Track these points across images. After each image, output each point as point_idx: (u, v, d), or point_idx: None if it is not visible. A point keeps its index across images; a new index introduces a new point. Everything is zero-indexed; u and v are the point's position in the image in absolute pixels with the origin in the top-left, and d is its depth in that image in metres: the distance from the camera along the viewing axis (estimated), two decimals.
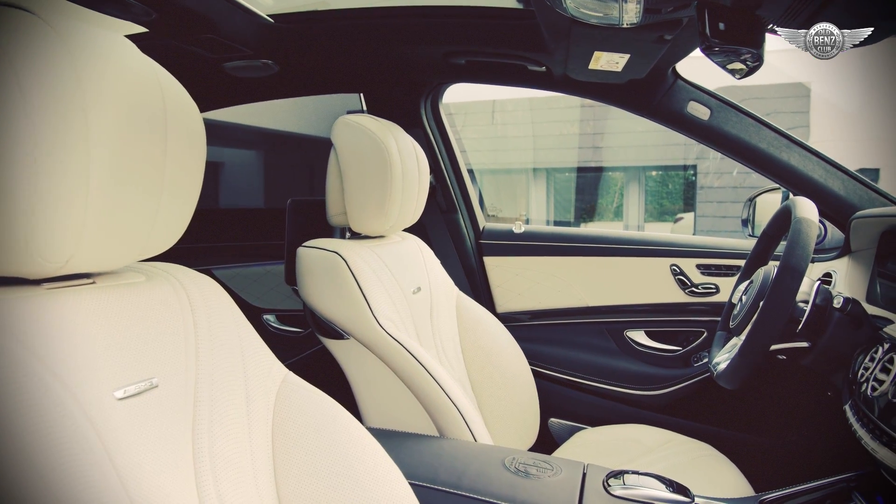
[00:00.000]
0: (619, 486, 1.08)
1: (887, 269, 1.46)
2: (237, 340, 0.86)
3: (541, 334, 2.16)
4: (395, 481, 0.90)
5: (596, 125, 10.08)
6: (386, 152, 1.45)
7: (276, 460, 0.85)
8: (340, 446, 0.88)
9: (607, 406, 2.05)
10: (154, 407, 0.70)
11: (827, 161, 1.73)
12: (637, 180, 10.68)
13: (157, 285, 0.78)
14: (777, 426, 1.91)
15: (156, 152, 0.68)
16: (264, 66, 1.81)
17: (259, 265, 2.46)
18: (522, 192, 10.84)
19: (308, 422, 0.89)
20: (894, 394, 1.03)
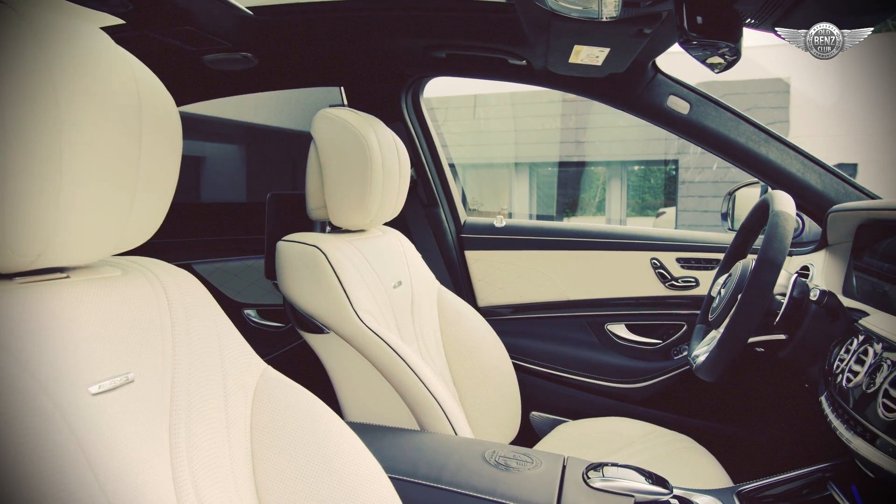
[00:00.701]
0: (599, 478, 1.09)
1: (863, 263, 1.48)
2: (215, 335, 0.86)
3: (522, 328, 2.17)
4: (375, 475, 0.90)
5: (578, 120, 10.11)
6: (366, 146, 1.45)
7: (254, 455, 0.85)
8: (319, 440, 0.88)
9: (588, 399, 2.06)
10: (130, 402, 0.70)
11: (804, 155, 1.74)
12: (619, 175, 10.73)
13: (134, 279, 0.77)
14: (756, 418, 1.93)
15: (131, 146, 0.67)
16: (244, 59, 1.79)
17: (239, 260, 2.44)
18: (505, 186, 10.85)
19: (286, 416, 0.88)
20: (868, 385, 1.04)
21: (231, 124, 3.46)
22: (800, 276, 1.52)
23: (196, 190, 3.58)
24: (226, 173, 3.71)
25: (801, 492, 1.21)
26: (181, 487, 0.72)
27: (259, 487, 0.84)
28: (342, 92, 2.14)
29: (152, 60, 0.78)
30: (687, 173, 9.60)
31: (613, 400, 2.04)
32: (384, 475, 0.91)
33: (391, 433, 1.25)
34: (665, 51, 1.61)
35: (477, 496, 1.02)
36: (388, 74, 2.05)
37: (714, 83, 7.89)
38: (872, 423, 0.98)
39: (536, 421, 2.08)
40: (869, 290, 1.42)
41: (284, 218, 1.74)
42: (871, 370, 1.06)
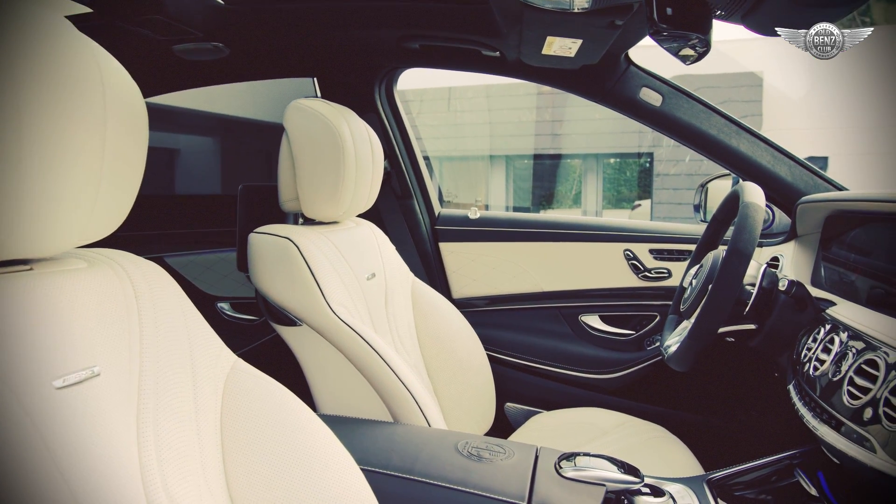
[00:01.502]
0: (571, 467, 1.09)
1: (831, 253, 1.50)
2: (184, 327, 0.85)
3: (496, 319, 2.17)
4: (347, 467, 0.90)
5: (554, 112, 10.14)
6: (339, 137, 1.44)
7: (224, 448, 0.84)
8: (290, 432, 0.87)
9: (562, 390, 2.07)
10: (96, 396, 0.68)
11: (775, 147, 1.76)
12: (595, 168, 10.78)
13: (100, 271, 0.76)
14: (727, 407, 1.95)
15: (94, 136, 0.66)
16: (215, 49, 1.77)
17: (212, 252, 2.42)
18: (482, 179, 10.86)
19: (257, 408, 0.87)
20: (834, 373, 1.05)
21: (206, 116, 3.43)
22: (770, 267, 1.54)
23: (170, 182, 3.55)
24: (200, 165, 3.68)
25: (770, 478, 1.22)
26: (149, 481, 0.71)
27: (229, 481, 0.83)
28: (315, 83, 2.13)
29: (121, 50, 0.77)
30: (662, 166, 9.68)
31: (587, 390, 2.05)
32: (356, 467, 0.90)
33: (364, 425, 1.24)
34: (637, 43, 1.62)
35: (449, 487, 1.03)
36: (361, 65, 2.03)
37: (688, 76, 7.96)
38: (838, 410, 1.00)
39: (511, 412, 2.09)
40: (837, 280, 1.44)
41: (257, 210, 1.73)
42: (836, 359, 1.08)
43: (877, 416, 0.89)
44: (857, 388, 0.97)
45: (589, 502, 1.02)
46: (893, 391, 0.88)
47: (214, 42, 1.72)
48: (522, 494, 1.01)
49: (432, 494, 1.02)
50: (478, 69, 1.92)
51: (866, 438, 0.90)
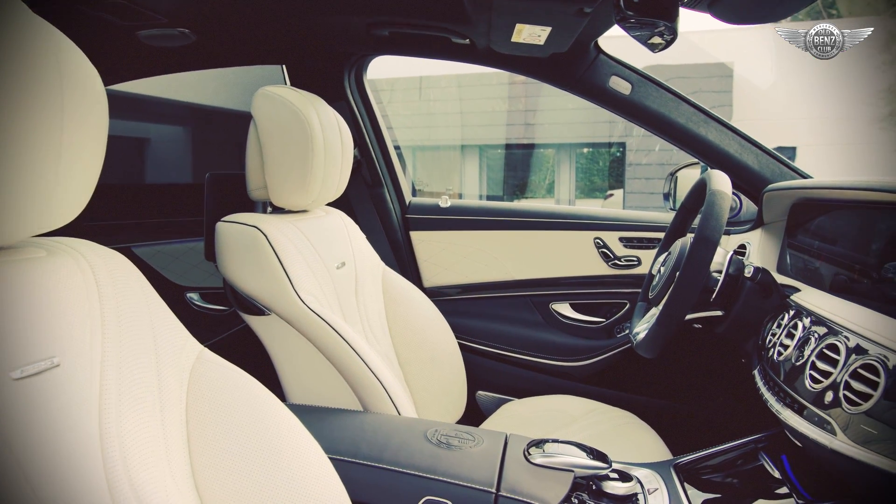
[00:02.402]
0: (540, 454, 1.10)
1: (796, 241, 1.52)
2: (147, 316, 0.83)
3: (468, 308, 2.17)
4: (314, 456, 0.89)
5: (527, 102, 10.16)
6: (307, 125, 1.42)
7: (190, 438, 0.83)
8: (257, 422, 0.86)
9: (533, 378, 2.08)
10: (56, 387, 0.67)
11: (742, 136, 1.78)
12: (568, 157, 10.83)
13: (60, 260, 0.75)
14: (696, 393, 1.98)
15: (51, 123, 0.65)
16: (181, 36, 1.73)
17: (181, 242, 2.39)
18: (455, 169, 10.86)
19: (223, 398, 0.86)
20: (797, 358, 1.07)
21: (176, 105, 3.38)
22: (737, 254, 1.56)
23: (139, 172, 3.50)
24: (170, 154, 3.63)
25: (736, 462, 1.24)
26: (112, 473, 0.70)
27: (195, 472, 0.82)
28: (284, 70, 2.10)
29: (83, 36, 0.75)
30: (633, 155, 9.75)
31: (558, 378, 2.07)
32: (323, 456, 0.90)
33: (333, 414, 1.24)
34: (607, 31, 1.62)
35: (418, 475, 1.03)
36: (330, 53, 2.01)
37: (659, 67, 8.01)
38: (801, 394, 1.01)
39: (482, 400, 2.10)
40: (801, 266, 1.46)
41: (225, 199, 1.70)
42: (800, 344, 1.09)
43: (837, 399, 0.90)
44: (819, 373, 0.99)
45: (557, 488, 1.03)
46: (853, 375, 0.89)
47: (180, 28, 1.69)
48: (491, 481, 1.01)
49: (401, 482, 1.02)
50: (448, 57, 1.91)
51: (827, 421, 0.92)
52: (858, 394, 0.87)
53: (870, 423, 0.82)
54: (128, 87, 2.24)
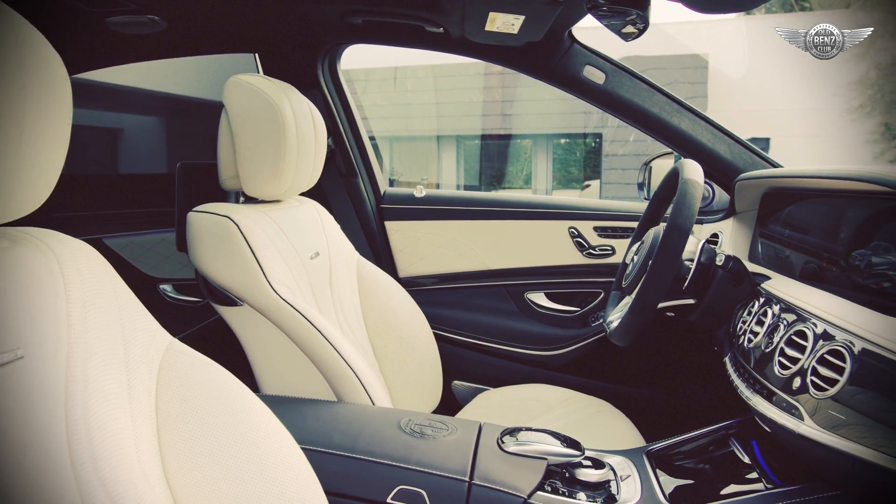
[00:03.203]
0: (513, 442, 1.10)
1: (767, 230, 1.53)
2: (115, 307, 0.82)
3: (443, 298, 2.17)
4: (286, 446, 0.88)
5: (504, 93, 10.17)
6: (279, 113, 1.41)
7: (160, 430, 0.82)
8: (227, 412, 0.85)
9: (509, 367, 2.09)
10: (20, 381, 0.66)
11: (714, 126, 1.79)
12: (545, 148, 10.86)
13: (24, 250, 0.73)
14: (669, 381, 2.00)
15: (11, 111, 0.63)
16: (150, 23, 1.70)
17: (154, 233, 2.36)
18: (432, 159, 10.85)
19: (193, 389, 0.85)
20: (767, 345, 1.08)
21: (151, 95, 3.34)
22: (709, 243, 1.57)
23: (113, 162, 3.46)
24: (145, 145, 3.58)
25: (707, 448, 1.26)
26: (80, 466, 0.69)
27: (165, 464, 0.81)
28: (257, 59, 2.08)
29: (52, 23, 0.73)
30: (610, 146, 9.80)
31: (533, 367, 2.07)
32: (296, 446, 0.89)
33: (306, 405, 1.23)
34: (580, 20, 1.62)
35: (391, 464, 1.02)
36: (303, 41, 1.99)
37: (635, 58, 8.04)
38: (770, 380, 1.03)
39: (458, 390, 2.10)
40: (772, 255, 1.48)
41: (196, 189, 1.68)
42: (769, 331, 1.11)
43: (805, 385, 0.91)
44: (788, 359, 1.00)
45: (530, 476, 1.03)
46: (820, 361, 0.91)
47: (150, 15, 1.66)
48: (464, 470, 1.02)
49: (374, 471, 1.02)
50: (422, 46, 1.90)
51: (795, 407, 0.93)
52: (825, 379, 0.88)
53: (837, 408, 0.84)
54: (101, 77, 2.20)
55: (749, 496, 1.01)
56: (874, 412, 0.77)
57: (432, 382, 1.79)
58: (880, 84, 7.98)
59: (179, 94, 3.37)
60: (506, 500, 0.99)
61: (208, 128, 1.56)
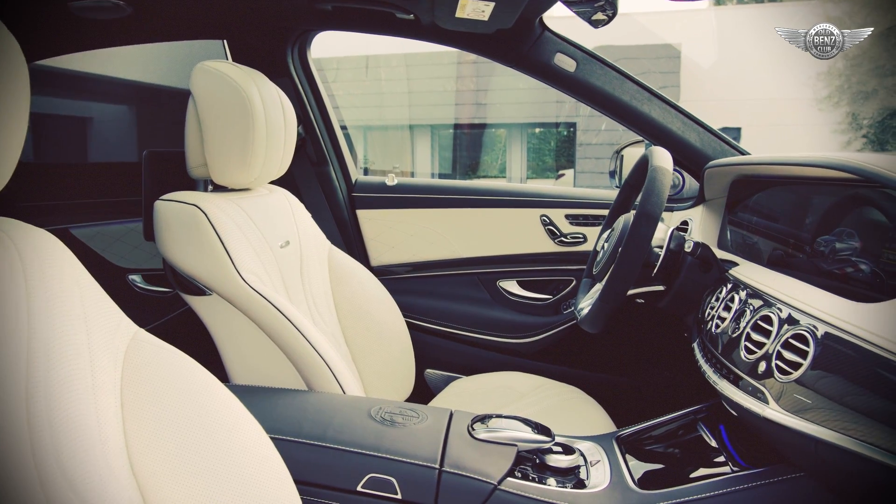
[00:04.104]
0: (484, 429, 1.10)
1: (736, 216, 1.55)
2: (77, 297, 0.80)
3: (415, 286, 2.17)
4: (254, 436, 0.88)
5: (479, 82, 10.15)
6: (247, 101, 1.39)
7: (125, 421, 0.81)
8: (194, 402, 0.84)
9: (482, 355, 2.09)
10: None
11: (684, 114, 1.80)
12: (520, 137, 10.87)
13: None
14: (640, 367, 2.01)
15: None
16: (115, 8, 1.67)
17: (122, 223, 2.32)
18: (407, 148, 10.81)
19: (159, 379, 0.84)
20: (734, 330, 1.09)
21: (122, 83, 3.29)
22: (679, 231, 1.58)
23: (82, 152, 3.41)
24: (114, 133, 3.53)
25: (676, 433, 1.27)
26: (42, 461, 0.68)
27: (132, 455, 0.80)
28: (225, 46, 2.04)
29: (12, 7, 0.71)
30: (584, 135, 9.84)
31: (506, 355, 2.08)
32: (265, 436, 0.89)
33: (276, 394, 1.22)
34: (551, 7, 1.62)
35: (361, 452, 1.02)
36: (272, 27, 1.97)
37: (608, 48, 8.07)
38: (736, 365, 1.04)
39: (431, 378, 2.10)
40: (741, 242, 1.50)
41: (164, 177, 1.66)
42: (736, 316, 1.12)
43: (770, 369, 0.92)
44: (754, 344, 1.01)
45: (501, 462, 1.04)
46: (785, 345, 0.92)
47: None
48: (435, 457, 1.02)
49: (344, 460, 1.02)
50: (393, 33, 1.88)
51: (760, 391, 0.94)
52: (790, 363, 0.89)
53: (801, 391, 0.85)
54: (70, 65, 2.16)
55: (715, 479, 1.02)
56: (837, 395, 0.79)
57: (405, 371, 1.79)
58: (847, 75, 8.10)
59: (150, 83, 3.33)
60: (476, 486, 0.99)
61: (180, 116, 1.54)
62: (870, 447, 0.73)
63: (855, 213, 1.08)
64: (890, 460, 0.70)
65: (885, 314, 0.78)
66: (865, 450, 0.73)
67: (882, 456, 0.71)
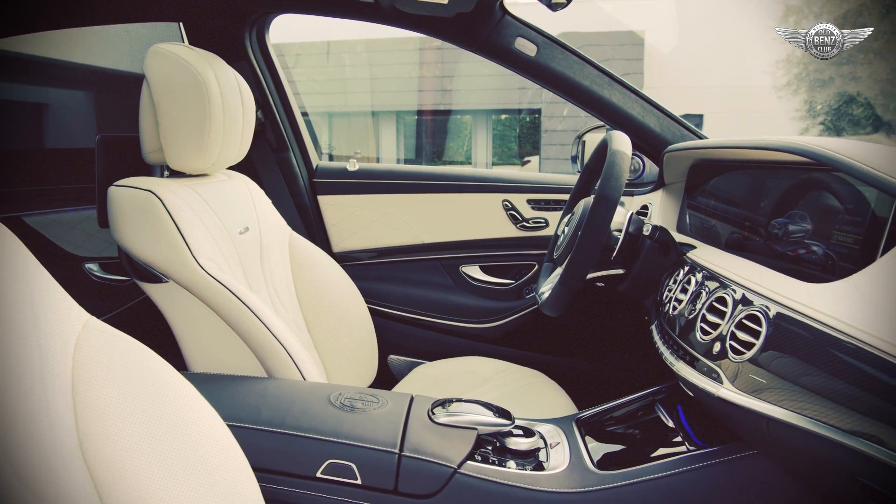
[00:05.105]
0: (444, 413, 1.11)
1: (695, 201, 1.57)
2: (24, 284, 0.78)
3: (378, 272, 2.16)
4: (211, 423, 0.86)
5: (444, 68, 10.11)
6: (203, 84, 1.36)
7: (76, 411, 0.79)
8: (148, 390, 0.83)
9: (445, 340, 2.09)
10: None
11: (644, 99, 1.81)
12: (485, 124, 10.87)
13: None
14: (601, 350, 2.04)
15: None
16: None
17: (78, 210, 2.27)
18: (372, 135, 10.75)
19: (112, 369, 0.82)
20: (690, 312, 1.11)
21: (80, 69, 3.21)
22: (640, 215, 1.59)
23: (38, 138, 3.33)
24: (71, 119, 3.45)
25: (635, 414, 1.29)
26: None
27: (84, 446, 0.78)
28: (182, 28, 2.00)
29: None
30: (549, 122, 9.87)
31: (469, 340, 2.09)
32: (222, 424, 0.87)
33: (235, 382, 1.21)
34: None
35: (321, 438, 1.01)
36: (229, 10, 1.93)
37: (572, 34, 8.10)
38: (693, 346, 1.05)
39: (395, 364, 2.10)
40: (699, 225, 1.52)
41: (119, 163, 1.62)
42: (692, 298, 1.13)
43: (724, 349, 0.94)
44: (709, 325, 1.03)
45: (461, 446, 1.04)
46: (738, 325, 0.93)
47: None
48: (394, 442, 1.01)
49: (303, 446, 1.01)
50: (353, 16, 1.86)
51: (715, 371, 0.95)
52: (743, 343, 0.90)
53: (755, 371, 0.86)
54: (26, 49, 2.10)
55: (672, 458, 1.04)
56: (790, 374, 0.80)
57: (367, 357, 1.78)
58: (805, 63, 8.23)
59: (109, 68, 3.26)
60: (436, 470, 0.99)
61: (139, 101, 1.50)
62: (820, 424, 0.74)
63: (809, 196, 1.10)
64: (837, 436, 0.72)
65: (834, 294, 0.79)
66: (815, 426, 0.75)
67: (830, 432, 0.73)
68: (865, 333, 0.70)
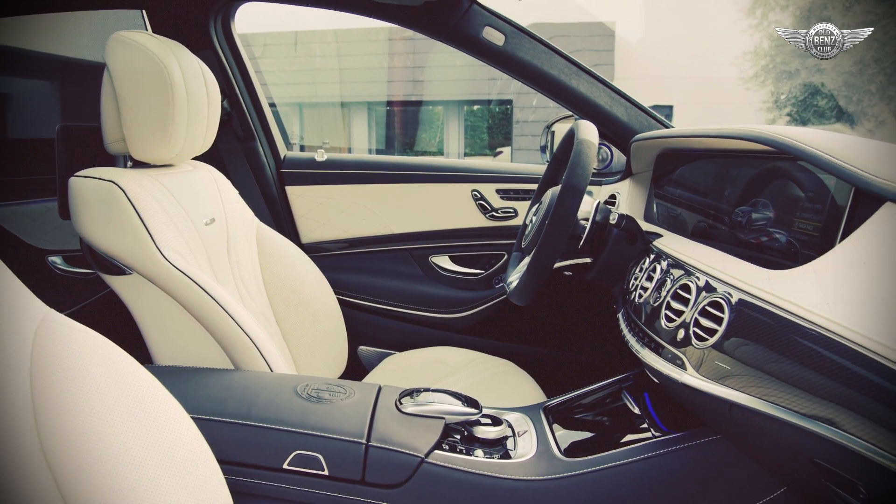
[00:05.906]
0: (411, 403, 1.10)
1: (662, 190, 1.58)
2: None
3: (347, 263, 2.15)
4: (175, 415, 0.85)
5: (415, 59, 10.08)
6: (166, 73, 1.34)
7: (35, 407, 0.77)
8: (109, 383, 0.81)
9: (415, 331, 2.09)
10: None
11: (612, 89, 1.82)
12: (457, 115, 10.86)
13: None
14: (570, 339, 2.05)
15: None
16: None
17: (40, 202, 2.22)
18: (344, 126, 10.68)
19: (72, 361, 0.81)
20: (655, 300, 1.12)
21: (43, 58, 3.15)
22: (607, 204, 1.60)
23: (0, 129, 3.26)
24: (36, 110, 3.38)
25: (603, 402, 1.30)
26: None
27: (44, 442, 0.77)
28: (144, 16, 1.96)
29: None
30: (521, 113, 9.89)
31: (439, 330, 2.09)
32: (186, 416, 0.86)
33: (200, 374, 1.19)
34: None
35: (287, 430, 1.01)
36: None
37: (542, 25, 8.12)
38: (658, 334, 1.06)
39: (364, 355, 2.09)
40: (666, 214, 1.53)
41: (81, 153, 1.59)
42: (658, 286, 1.14)
43: (688, 336, 0.95)
44: (674, 312, 1.04)
45: (428, 436, 1.04)
46: (702, 312, 0.94)
47: None
48: (361, 432, 1.01)
49: (270, 438, 1.00)
50: (319, 4, 1.84)
51: (679, 358, 0.96)
52: (706, 330, 0.91)
53: (719, 357, 0.87)
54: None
55: (638, 444, 1.05)
56: (753, 360, 0.81)
57: (337, 348, 1.78)
58: (772, 55, 8.34)
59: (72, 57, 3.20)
60: (403, 460, 0.99)
61: None
62: (781, 408, 0.76)
63: (773, 185, 1.12)
64: (797, 419, 0.73)
65: (793, 280, 0.80)
66: (776, 411, 0.76)
67: (790, 416, 0.74)
68: (823, 318, 0.71)
